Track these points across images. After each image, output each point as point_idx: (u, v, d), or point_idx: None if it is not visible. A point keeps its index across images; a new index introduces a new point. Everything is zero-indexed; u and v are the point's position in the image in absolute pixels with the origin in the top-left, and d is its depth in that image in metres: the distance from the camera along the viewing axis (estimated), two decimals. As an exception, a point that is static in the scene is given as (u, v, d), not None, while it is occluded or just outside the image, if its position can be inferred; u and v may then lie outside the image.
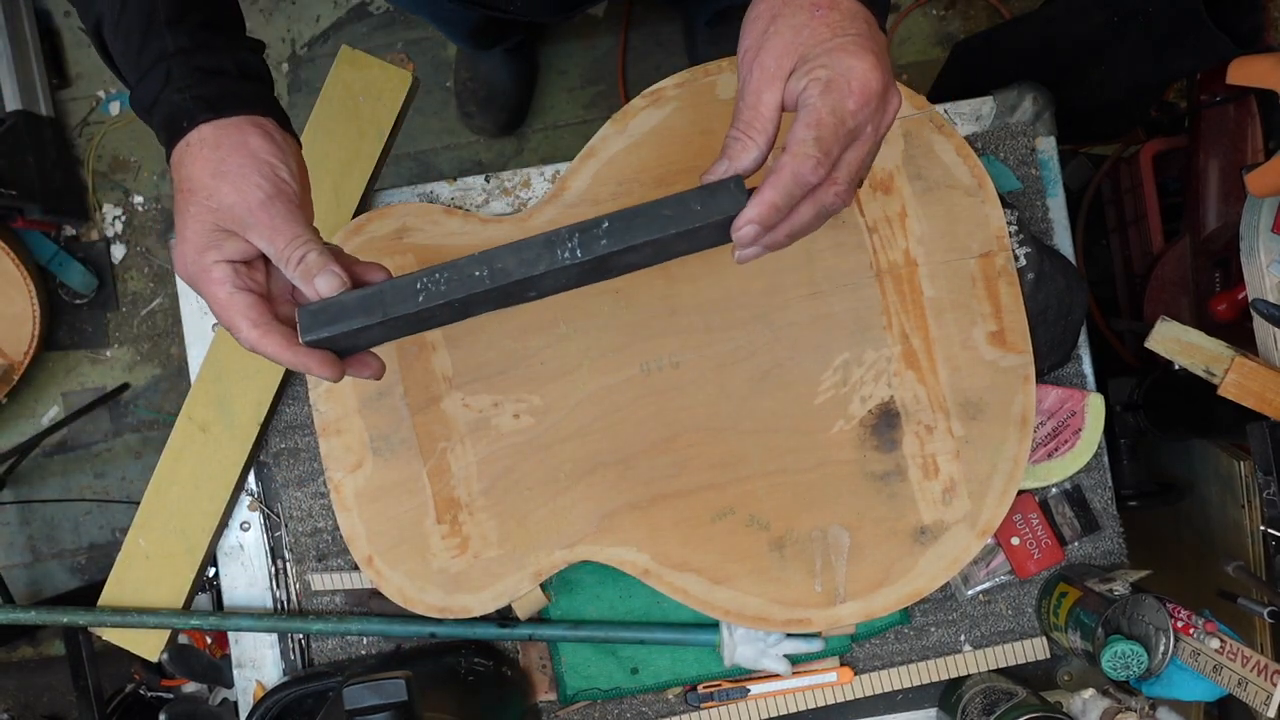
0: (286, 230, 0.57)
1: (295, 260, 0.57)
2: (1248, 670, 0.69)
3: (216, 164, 0.57)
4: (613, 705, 0.87)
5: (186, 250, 0.58)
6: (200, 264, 0.58)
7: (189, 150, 0.58)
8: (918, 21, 1.67)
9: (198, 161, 0.58)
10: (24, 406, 1.69)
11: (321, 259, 0.57)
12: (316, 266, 0.57)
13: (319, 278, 0.57)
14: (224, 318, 0.58)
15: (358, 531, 0.81)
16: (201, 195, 0.57)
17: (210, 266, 0.58)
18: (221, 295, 0.58)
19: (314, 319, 0.57)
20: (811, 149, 0.52)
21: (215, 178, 0.57)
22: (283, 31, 1.69)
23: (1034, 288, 0.81)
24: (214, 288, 0.58)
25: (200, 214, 0.57)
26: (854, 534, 0.80)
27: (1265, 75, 0.82)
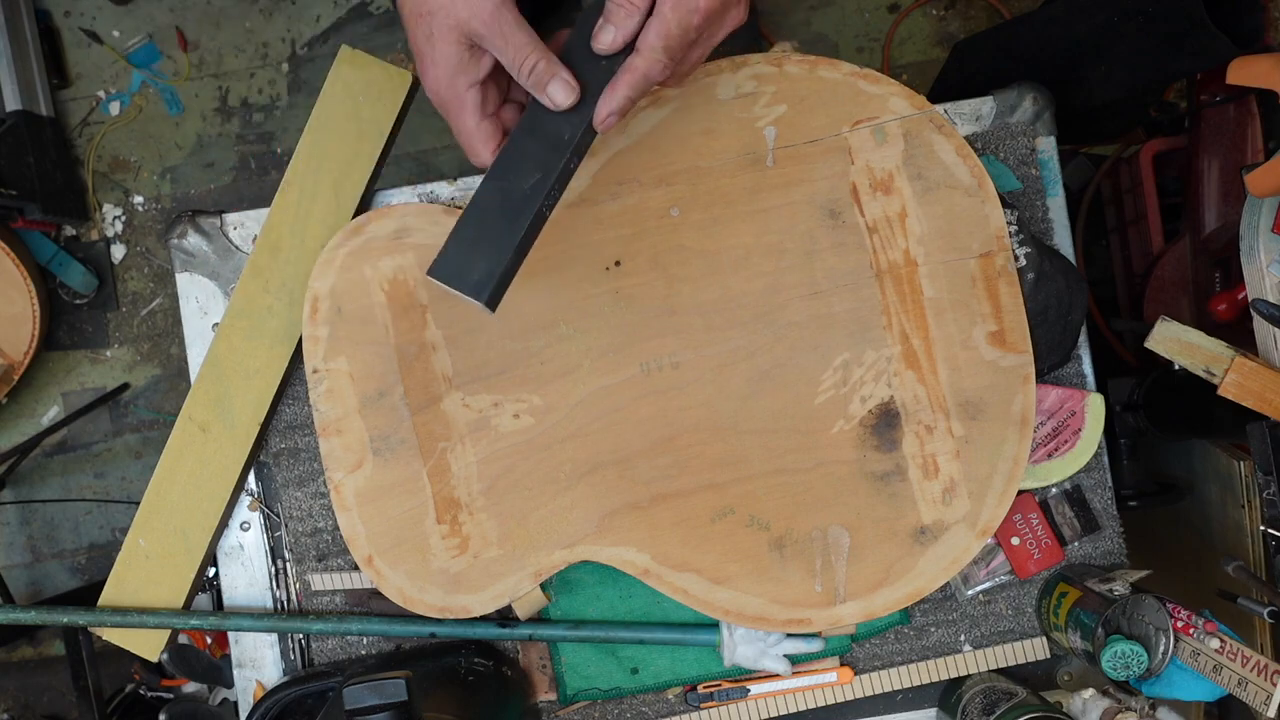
0: (515, 38, 0.61)
1: (527, 70, 0.62)
2: (1248, 670, 0.69)
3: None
4: (613, 705, 0.87)
5: (439, 75, 0.63)
6: (453, 89, 0.64)
7: None
8: (918, 21, 1.67)
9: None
10: (24, 406, 1.69)
11: (550, 67, 0.62)
12: (547, 74, 0.62)
13: (550, 86, 0.62)
14: (465, 141, 0.65)
15: (358, 531, 0.81)
16: (440, 14, 0.62)
17: (463, 93, 0.64)
18: (470, 123, 0.64)
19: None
20: (660, 55, 0.62)
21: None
22: (283, 31, 1.69)
23: (1034, 288, 0.81)
24: (465, 115, 0.64)
25: (445, 33, 0.62)
26: (854, 534, 0.80)
27: (1265, 75, 0.82)
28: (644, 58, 0.62)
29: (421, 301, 0.82)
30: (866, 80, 0.81)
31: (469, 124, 0.65)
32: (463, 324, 0.82)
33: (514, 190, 0.63)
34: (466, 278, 0.63)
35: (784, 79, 0.81)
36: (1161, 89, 1.36)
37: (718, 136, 0.81)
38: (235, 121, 1.69)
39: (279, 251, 0.84)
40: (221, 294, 0.89)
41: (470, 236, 0.63)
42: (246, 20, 1.69)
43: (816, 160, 0.81)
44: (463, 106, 0.64)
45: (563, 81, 0.62)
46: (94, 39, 1.69)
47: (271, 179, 1.69)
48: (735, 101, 0.81)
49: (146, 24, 1.69)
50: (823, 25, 1.67)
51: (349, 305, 0.82)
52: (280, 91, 1.69)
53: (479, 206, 0.63)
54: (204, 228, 0.88)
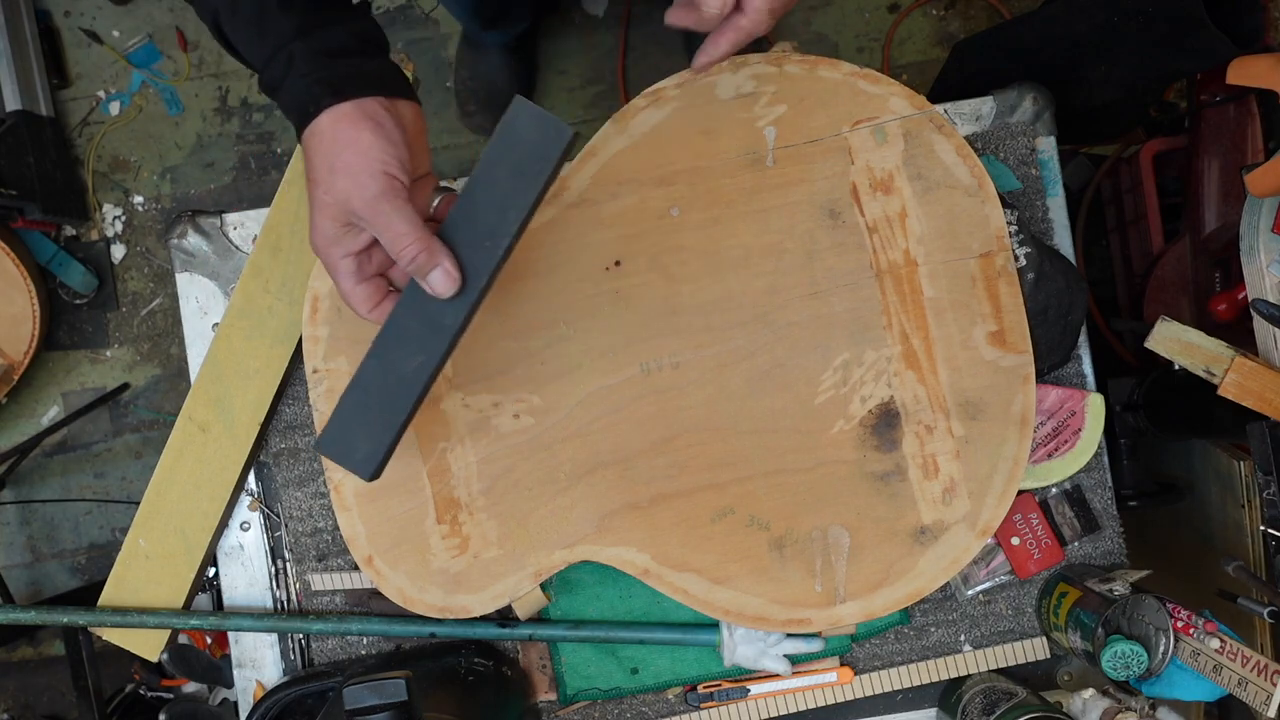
0: (395, 226, 0.61)
1: (407, 258, 0.61)
2: (1248, 670, 0.69)
3: (333, 159, 0.61)
4: (613, 705, 0.87)
5: (316, 239, 0.64)
6: (329, 255, 0.64)
7: (312, 140, 0.62)
8: (918, 21, 1.67)
9: (319, 153, 0.62)
10: (24, 406, 1.69)
11: (431, 257, 0.61)
12: (427, 264, 0.62)
13: (431, 275, 0.62)
14: (346, 301, 0.66)
15: (358, 531, 0.81)
16: (322, 189, 0.62)
17: (338, 261, 0.64)
18: (345, 286, 0.65)
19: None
20: (765, 16, 0.66)
21: (332, 173, 0.61)
22: (283, 31, 1.69)
23: (1034, 288, 0.81)
24: (339, 279, 0.65)
25: (324, 207, 0.62)
26: (854, 534, 0.80)
27: (1265, 75, 0.82)
28: (750, 18, 0.66)
29: (421, 301, 0.82)
30: (866, 80, 0.81)
31: (344, 287, 0.65)
32: (463, 324, 0.82)
33: (396, 369, 0.64)
34: (351, 455, 0.65)
35: (784, 79, 0.81)
36: (1161, 89, 1.36)
37: (718, 136, 0.81)
38: (235, 121, 1.69)
39: (279, 251, 0.84)
40: (221, 294, 0.89)
41: (354, 413, 0.65)
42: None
43: (816, 160, 0.81)
44: (338, 272, 0.64)
45: (444, 271, 0.62)
46: (94, 39, 1.69)
47: (271, 179, 1.69)
48: (735, 101, 0.81)
49: (146, 24, 1.69)
50: (823, 25, 1.67)
51: (349, 305, 0.82)
52: (280, 91, 1.69)
53: (362, 384, 0.65)
54: (204, 228, 0.88)
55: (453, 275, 0.62)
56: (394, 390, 0.64)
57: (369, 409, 0.65)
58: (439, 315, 0.64)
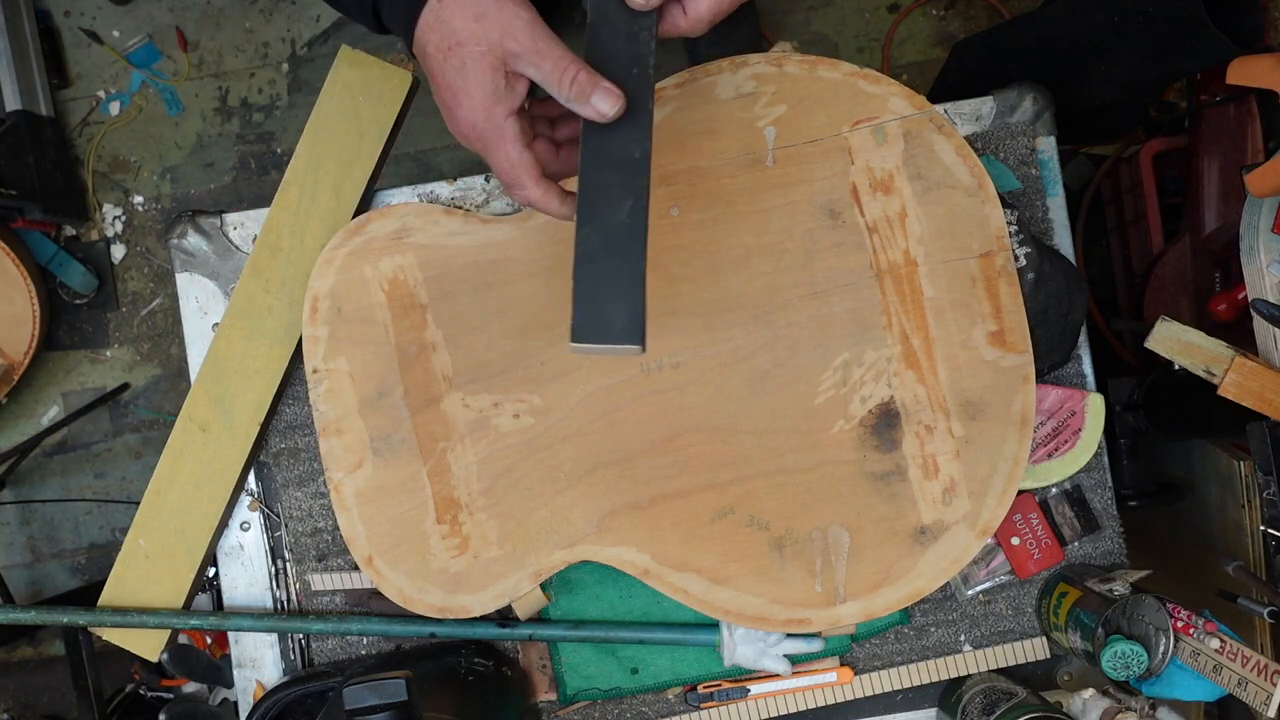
0: (552, 52, 0.59)
1: (568, 81, 0.59)
2: (1248, 670, 0.69)
3: (475, 9, 0.59)
4: (613, 705, 0.87)
5: (474, 107, 0.60)
6: (492, 120, 0.60)
7: (443, 7, 0.60)
8: (918, 21, 1.67)
9: (455, 13, 0.59)
10: (24, 406, 1.69)
11: (591, 77, 0.59)
12: (589, 85, 0.59)
13: (594, 96, 0.59)
14: (507, 175, 0.62)
15: (358, 531, 0.81)
16: (470, 43, 0.59)
17: (502, 123, 0.60)
18: (514, 154, 0.61)
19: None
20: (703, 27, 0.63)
21: (478, 20, 0.59)
22: (283, 31, 1.69)
23: (1034, 288, 0.81)
24: (507, 146, 0.61)
25: (477, 63, 0.59)
26: (854, 534, 0.80)
27: (1265, 75, 0.82)
28: (688, 22, 0.63)
29: (421, 301, 0.82)
30: (866, 80, 0.81)
31: (512, 154, 0.61)
32: (463, 324, 0.82)
33: (611, 224, 0.61)
34: (612, 330, 0.61)
35: (784, 79, 0.81)
36: (1161, 89, 1.36)
37: (718, 136, 0.81)
38: (235, 121, 1.69)
39: (279, 251, 0.84)
40: (221, 294, 0.89)
41: (594, 289, 0.61)
42: (246, 20, 1.69)
43: (816, 160, 0.81)
44: (503, 137, 0.61)
45: (605, 90, 0.59)
46: (94, 39, 1.69)
47: (271, 179, 1.69)
48: (735, 101, 0.81)
49: (146, 24, 1.69)
50: (823, 25, 1.66)
51: (349, 305, 0.82)
52: (280, 91, 1.69)
53: (588, 257, 0.61)
54: (204, 228, 0.88)
55: (614, 91, 0.59)
56: (620, 245, 0.61)
57: (606, 276, 0.61)
58: (625, 152, 0.61)
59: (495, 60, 0.60)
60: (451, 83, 0.61)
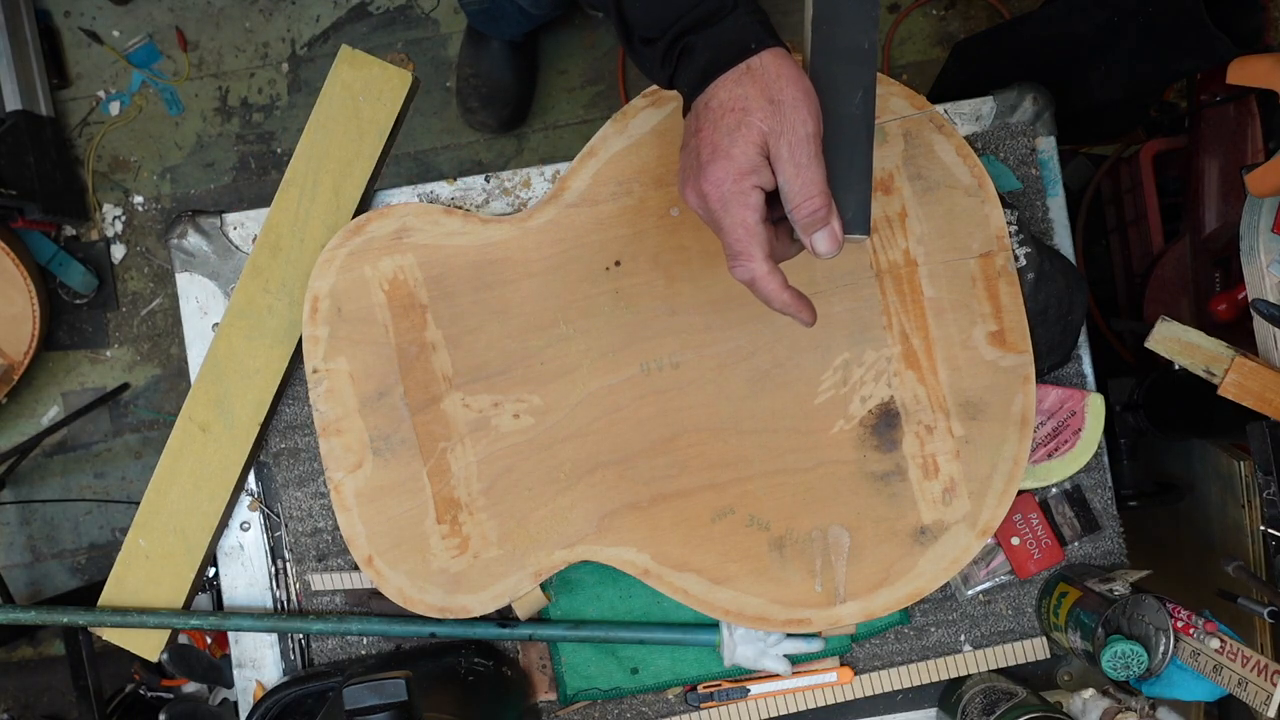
0: (811, 173, 0.59)
1: (809, 208, 0.60)
2: (1248, 670, 0.69)
3: (775, 93, 0.59)
4: (613, 705, 0.87)
5: (729, 169, 0.60)
6: (740, 186, 0.60)
7: (749, 73, 0.60)
8: (918, 21, 1.67)
9: (756, 84, 0.60)
10: (24, 406, 1.69)
11: (829, 214, 0.60)
12: (822, 221, 0.60)
13: (819, 233, 0.60)
14: (740, 243, 0.61)
15: (358, 531, 0.81)
16: (755, 115, 0.59)
17: (749, 190, 0.60)
18: (750, 220, 0.60)
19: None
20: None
21: (771, 104, 0.59)
22: (283, 31, 1.69)
23: (1034, 288, 0.81)
24: (746, 212, 0.60)
25: (751, 135, 0.60)
26: (854, 534, 0.80)
27: (1265, 75, 0.82)
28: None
29: (421, 301, 0.82)
30: (866, 80, 0.81)
31: (750, 221, 0.61)
32: (463, 324, 0.82)
33: (842, 117, 0.62)
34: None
35: (784, 79, 0.81)
36: (1161, 89, 1.35)
37: (718, 136, 0.81)
38: (235, 121, 1.69)
39: (279, 251, 0.84)
40: (221, 294, 0.89)
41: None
42: (246, 20, 1.69)
43: (816, 160, 0.81)
44: (746, 204, 0.61)
45: (832, 234, 0.61)
46: (94, 39, 1.69)
47: (271, 179, 1.69)
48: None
49: (146, 24, 1.69)
50: (823, 25, 1.66)
51: (349, 305, 0.82)
52: (280, 91, 1.69)
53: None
54: (204, 228, 0.88)
55: (838, 236, 0.61)
56: (851, 137, 0.62)
57: (838, 167, 0.62)
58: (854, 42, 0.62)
59: (763, 142, 0.60)
60: (716, 140, 0.61)
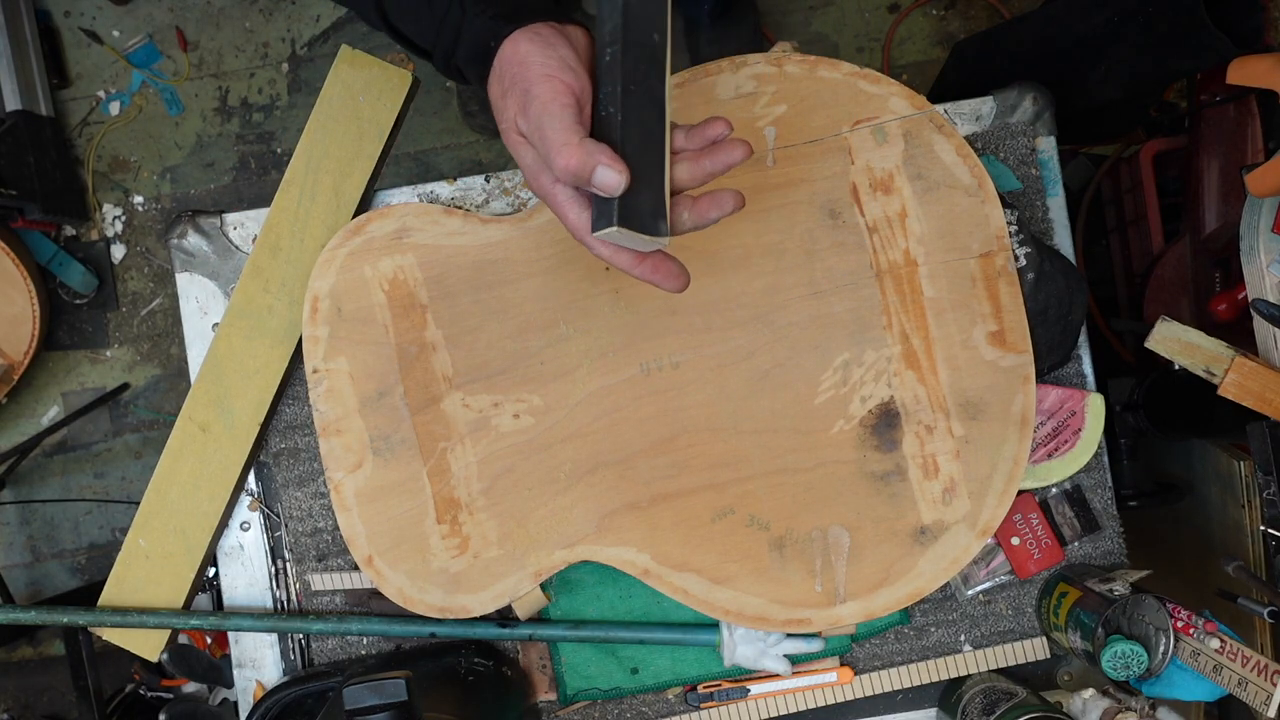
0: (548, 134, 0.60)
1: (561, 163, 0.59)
2: (1248, 670, 0.69)
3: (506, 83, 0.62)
4: (613, 705, 0.87)
5: (528, 179, 0.63)
6: (540, 186, 0.63)
7: (496, 77, 0.63)
8: (918, 21, 1.67)
9: (500, 83, 0.63)
10: (24, 406, 1.69)
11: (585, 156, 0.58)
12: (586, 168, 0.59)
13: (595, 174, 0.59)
14: (576, 233, 0.63)
15: (358, 531, 0.81)
16: (505, 122, 0.63)
17: (549, 189, 0.62)
18: (573, 217, 0.62)
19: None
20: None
21: (504, 97, 0.62)
22: (283, 31, 1.69)
23: (1034, 288, 0.81)
24: (566, 209, 0.62)
25: (516, 141, 0.63)
26: (854, 534, 0.80)
27: (1265, 75, 0.82)
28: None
29: (421, 301, 0.82)
30: (866, 80, 0.81)
31: (572, 219, 0.62)
32: (463, 324, 0.82)
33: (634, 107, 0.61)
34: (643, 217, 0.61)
35: (784, 79, 0.81)
36: (1161, 89, 1.36)
37: (718, 136, 0.81)
38: (235, 121, 1.69)
39: (279, 251, 0.84)
40: (221, 294, 0.89)
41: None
42: (246, 20, 1.69)
43: (816, 160, 0.81)
44: (557, 202, 0.62)
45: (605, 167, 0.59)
46: (94, 39, 1.69)
47: (271, 179, 1.69)
48: (735, 101, 0.81)
49: (146, 24, 1.69)
50: (823, 25, 1.66)
51: (349, 305, 0.82)
52: (280, 91, 1.69)
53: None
54: (204, 228, 0.88)
55: (615, 167, 0.58)
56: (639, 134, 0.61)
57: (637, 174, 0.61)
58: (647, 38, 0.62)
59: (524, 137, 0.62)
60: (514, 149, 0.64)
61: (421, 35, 0.68)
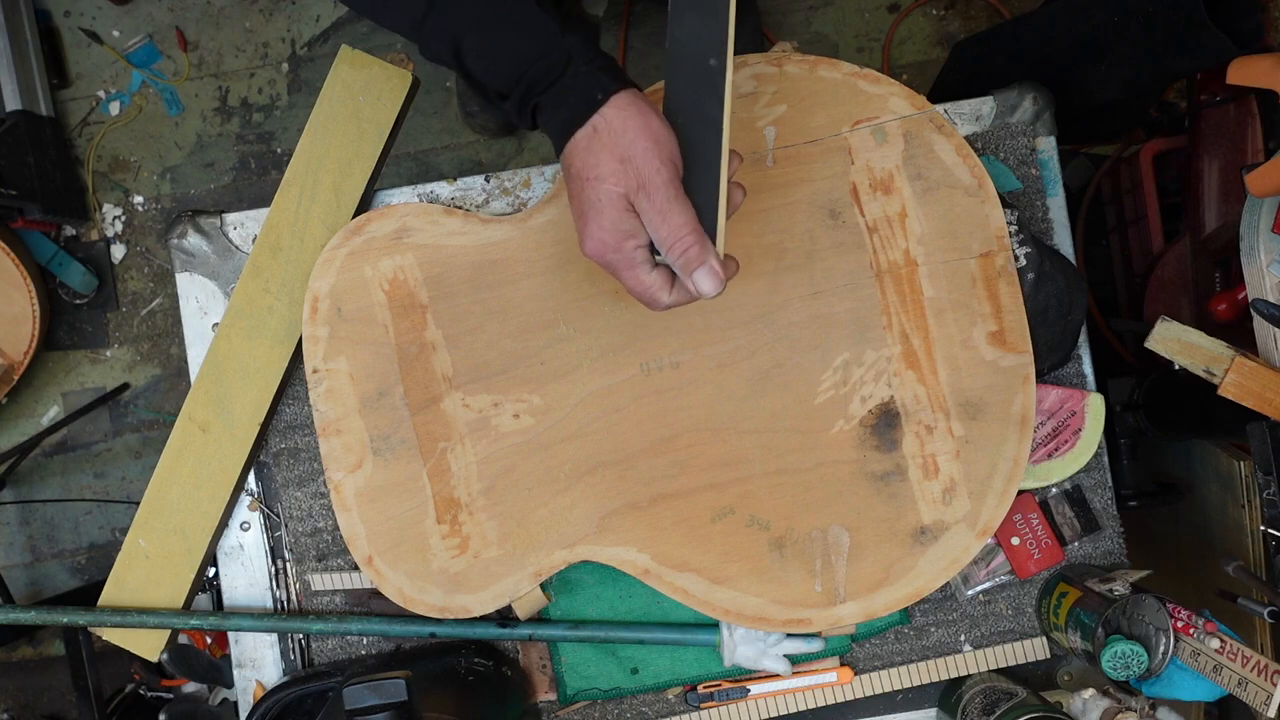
0: (675, 218, 0.62)
1: (679, 250, 0.62)
2: (1248, 670, 0.69)
3: (622, 151, 0.61)
4: (613, 705, 0.87)
5: (604, 239, 0.63)
6: (621, 251, 0.64)
7: (595, 136, 0.62)
8: (918, 21, 1.67)
9: (605, 148, 0.62)
10: (24, 406, 1.69)
11: (704, 252, 0.62)
12: (698, 260, 0.63)
13: (698, 272, 0.63)
14: (644, 295, 0.66)
15: (358, 531, 0.81)
16: (610, 181, 0.62)
17: (631, 252, 0.64)
18: (642, 276, 0.64)
19: None
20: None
21: (622, 163, 0.61)
22: (283, 31, 1.69)
23: (1034, 288, 0.81)
24: (634, 271, 0.64)
25: (612, 203, 0.62)
26: (854, 534, 0.80)
27: (1265, 75, 0.82)
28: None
29: (422, 301, 0.82)
30: (866, 80, 0.81)
31: (644, 278, 0.65)
32: (463, 324, 0.82)
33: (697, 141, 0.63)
34: None
35: (784, 79, 0.81)
36: (1161, 89, 1.35)
37: (718, 136, 0.81)
38: (235, 121, 1.69)
39: (279, 251, 0.84)
40: (221, 294, 0.89)
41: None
42: (246, 20, 1.69)
43: (816, 160, 0.81)
44: (633, 264, 0.64)
45: (710, 270, 0.63)
46: (94, 39, 1.69)
47: (271, 179, 1.69)
48: (735, 101, 0.81)
49: (146, 24, 1.69)
50: (823, 25, 1.66)
51: (349, 305, 0.82)
52: (280, 91, 1.69)
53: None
54: (204, 228, 0.88)
55: (718, 273, 0.63)
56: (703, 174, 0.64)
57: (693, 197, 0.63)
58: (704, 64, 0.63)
59: (628, 202, 0.62)
60: (585, 210, 0.63)
61: (509, 67, 0.65)
